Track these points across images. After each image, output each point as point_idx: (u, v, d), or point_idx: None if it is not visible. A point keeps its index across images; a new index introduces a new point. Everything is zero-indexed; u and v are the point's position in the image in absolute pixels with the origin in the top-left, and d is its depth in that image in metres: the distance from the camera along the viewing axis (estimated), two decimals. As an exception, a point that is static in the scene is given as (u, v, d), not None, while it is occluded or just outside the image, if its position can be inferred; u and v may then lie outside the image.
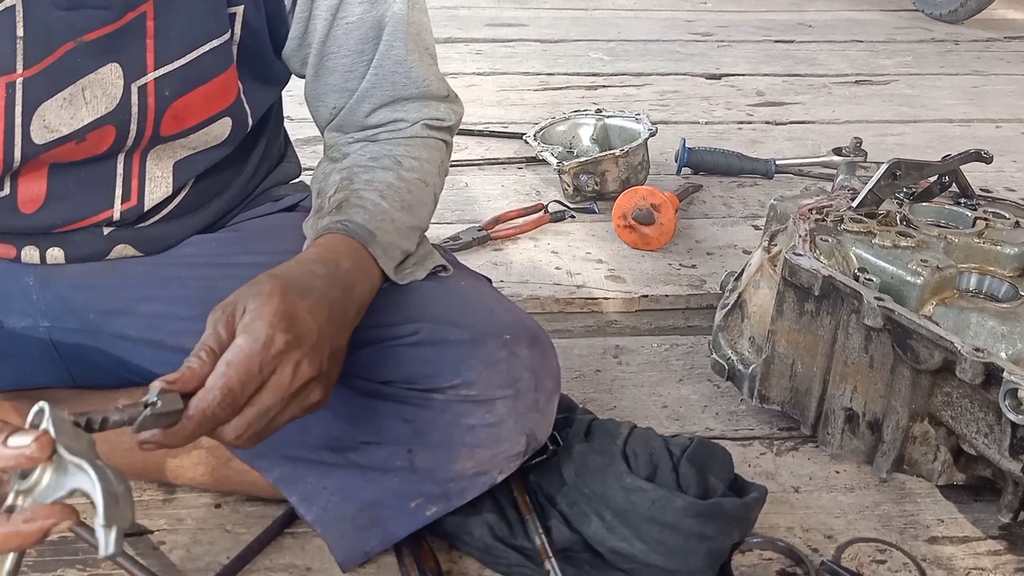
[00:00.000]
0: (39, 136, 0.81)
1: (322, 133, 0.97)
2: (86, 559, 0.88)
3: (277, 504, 0.93)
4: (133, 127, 0.83)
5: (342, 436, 0.85)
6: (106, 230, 0.90)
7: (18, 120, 0.79)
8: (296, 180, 1.08)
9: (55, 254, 0.90)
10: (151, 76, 0.82)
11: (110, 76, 0.81)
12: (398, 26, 0.89)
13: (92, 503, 0.55)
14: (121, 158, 0.86)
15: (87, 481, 0.55)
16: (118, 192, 0.88)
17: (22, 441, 0.56)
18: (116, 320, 0.93)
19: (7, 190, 0.85)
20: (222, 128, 0.88)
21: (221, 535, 0.92)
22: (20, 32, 0.77)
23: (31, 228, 0.88)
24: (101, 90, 0.81)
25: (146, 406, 0.64)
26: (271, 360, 0.70)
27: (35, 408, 0.58)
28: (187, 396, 0.67)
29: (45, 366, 0.94)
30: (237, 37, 0.85)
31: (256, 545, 0.90)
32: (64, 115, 0.80)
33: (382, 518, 0.86)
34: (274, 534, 0.91)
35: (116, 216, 0.89)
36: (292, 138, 1.11)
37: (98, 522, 0.54)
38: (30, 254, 0.90)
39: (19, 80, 0.78)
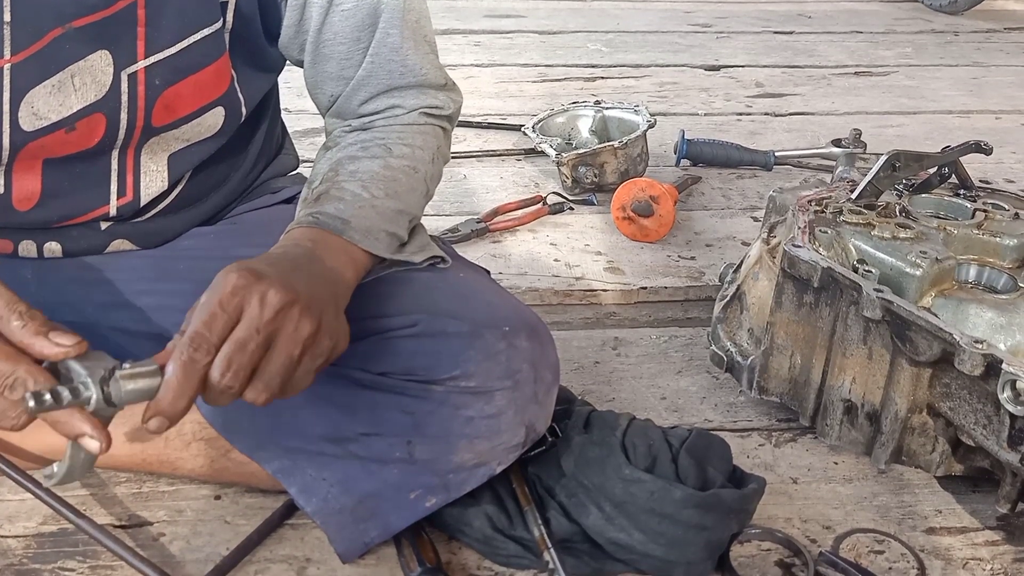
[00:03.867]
0: (28, 123, 0.80)
1: (324, 118, 0.97)
2: (86, 551, 0.88)
3: (277, 496, 0.93)
4: (124, 116, 0.83)
5: (341, 427, 0.85)
6: (103, 225, 0.90)
7: (6, 107, 0.79)
8: (294, 172, 1.07)
9: (52, 248, 0.90)
10: (141, 64, 0.81)
11: (100, 63, 0.80)
12: (394, 14, 0.89)
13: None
14: (115, 153, 0.86)
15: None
16: (113, 188, 0.88)
17: (65, 341, 0.68)
18: (114, 314, 0.93)
19: (1, 188, 0.85)
20: (215, 118, 0.88)
21: (221, 526, 0.92)
22: (7, 17, 0.77)
23: (27, 225, 0.88)
24: (91, 77, 0.80)
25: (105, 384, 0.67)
26: (229, 296, 0.69)
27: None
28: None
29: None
30: (229, 25, 0.85)
31: (256, 536, 0.90)
32: (53, 102, 0.80)
33: (381, 509, 0.86)
34: (274, 525, 0.92)
35: (112, 212, 0.89)
36: (290, 130, 1.11)
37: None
38: (27, 248, 0.90)
39: (7, 66, 0.78)
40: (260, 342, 0.69)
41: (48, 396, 0.65)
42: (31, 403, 0.64)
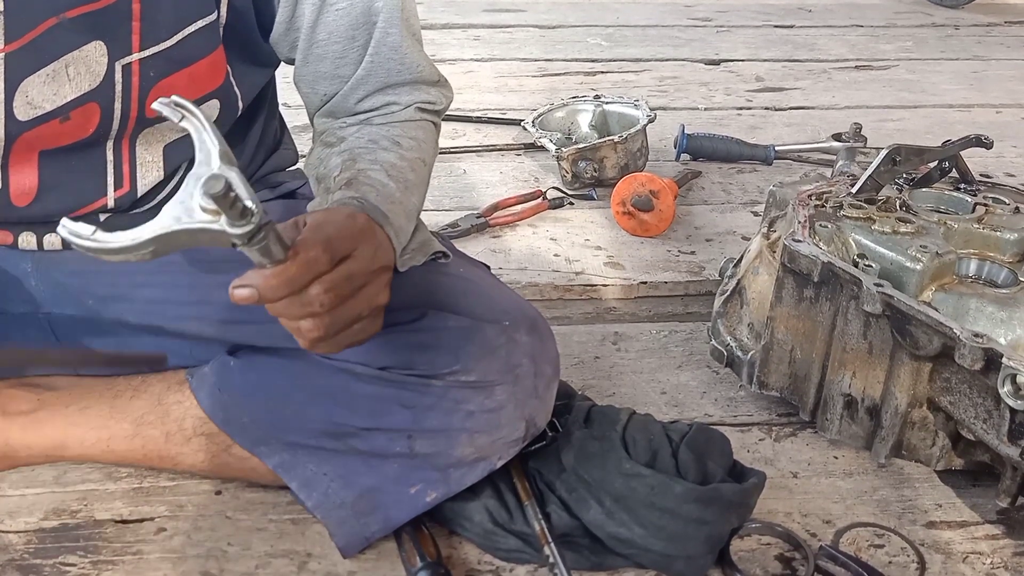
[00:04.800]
0: (22, 112, 0.80)
1: (311, 119, 0.97)
2: (87, 546, 0.88)
3: (277, 491, 0.93)
4: (118, 106, 0.83)
5: (342, 422, 0.85)
6: (102, 217, 0.90)
7: (1, 96, 0.79)
8: (293, 167, 1.07)
9: (52, 240, 0.90)
10: (136, 56, 0.81)
11: (94, 54, 0.80)
12: (393, 12, 0.88)
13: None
14: (110, 144, 0.86)
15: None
16: (110, 179, 0.88)
17: None
18: (114, 306, 0.93)
19: None
20: (210, 111, 0.88)
21: (222, 521, 0.92)
22: (1, 7, 0.77)
23: (26, 219, 0.88)
24: (85, 67, 0.80)
25: (261, 228, 0.61)
26: (360, 231, 0.72)
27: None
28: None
29: (44, 353, 0.95)
30: (223, 19, 0.85)
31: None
32: (47, 91, 0.80)
33: (382, 504, 0.86)
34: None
35: (110, 203, 0.89)
36: (289, 125, 1.10)
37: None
38: (27, 240, 0.90)
39: (0, 55, 0.78)
40: (358, 285, 0.72)
41: (232, 193, 0.58)
42: (219, 188, 0.58)
